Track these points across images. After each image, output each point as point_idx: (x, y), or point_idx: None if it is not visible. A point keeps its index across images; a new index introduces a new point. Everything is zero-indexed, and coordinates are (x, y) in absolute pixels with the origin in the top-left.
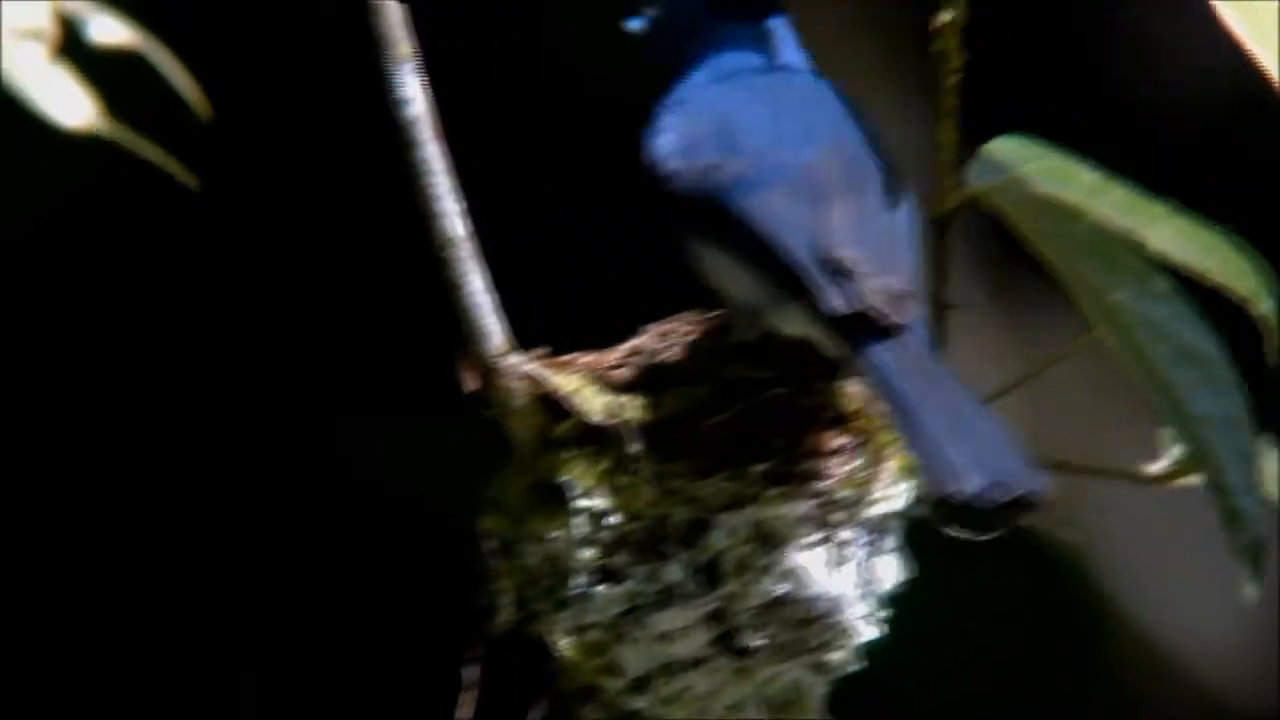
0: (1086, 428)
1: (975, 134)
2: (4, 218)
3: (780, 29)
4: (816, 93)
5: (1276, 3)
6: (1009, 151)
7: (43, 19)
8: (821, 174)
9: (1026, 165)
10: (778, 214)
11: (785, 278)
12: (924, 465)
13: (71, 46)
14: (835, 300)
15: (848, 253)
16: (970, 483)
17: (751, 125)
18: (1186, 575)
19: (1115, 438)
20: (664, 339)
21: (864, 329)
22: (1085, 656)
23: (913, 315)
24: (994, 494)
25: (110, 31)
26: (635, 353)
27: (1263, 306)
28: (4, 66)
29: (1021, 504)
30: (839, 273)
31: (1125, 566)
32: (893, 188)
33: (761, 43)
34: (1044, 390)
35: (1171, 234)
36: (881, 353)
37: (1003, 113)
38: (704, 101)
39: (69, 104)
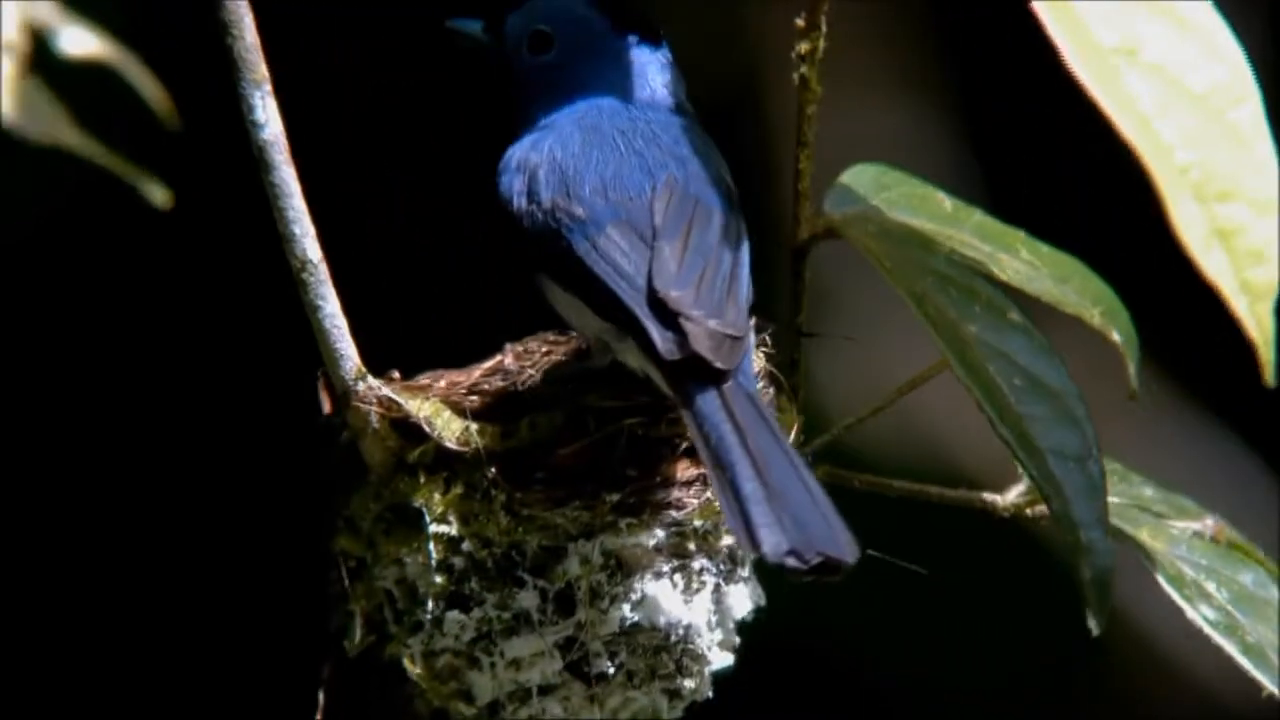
0: None
1: (977, 136)
2: (19, 216)
3: (662, 58)
4: (670, 129)
5: (1124, 58)
6: (866, 179)
7: (11, 29)
8: (657, 212)
9: (884, 192)
10: (609, 256)
11: (620, 317)
12: (733, 521)
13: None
14: (663, 345)
15: (675, 293)
16: (772, 547)
17: (593, 171)
18: None
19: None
20: (521, 360)
21: (693, 373)
22: (1085, 656)
23: (739, 359)
24: (796, 559)
25: (81, 43)
26: (491, 375)
27: (1116, 334)
28: None
29: (825, 568)
30: (667, 315)
31: (1126, 565)
32: (731, 223)
33: (644, 67)
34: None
35: (1026, 262)
36: (706, 401)
37: (1003, 115)
38: (555, 135)
39: (38, 117)
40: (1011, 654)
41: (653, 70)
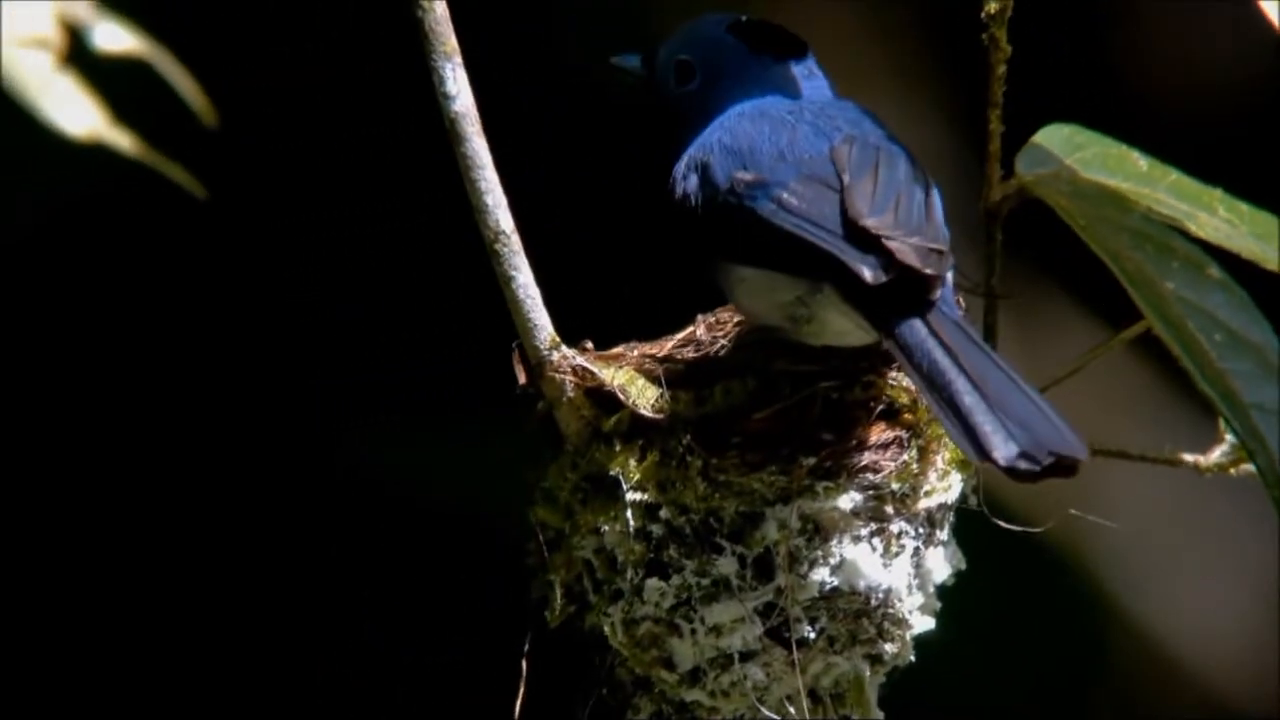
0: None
1: (977, 132)
2: (19, 221)
3: (807, 67)
4: (836, 107)
5: None
6: (1059, 139)
7: (47, 26)
8: (840, 160)
9: (1078, 152)
10: (795, 208)
11: (815, 266)
12: (958, 436)
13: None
14: (869, 271)
15: (873, 220)
16: (1005, 449)
17: (767, 142)
18: (1188, 575)
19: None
20: (713, 330)
21: (896, 306)
22: (1085, 656)
23: (946, 270)
24: (1030, 460)
25: (116, 39)
26: (683, 345)
27: None
28: (8, 74)
29: (1060, 467)
30: (868, 242)
31: (1127, 566)
32: (917, 169)
33: (789, 78)
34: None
35: (1222, 220)
36: (913, 331)
37: (1021, 107)
38: (719, 131)
39: (74, 112)
40: (1011, 653)
41: (800, 77)
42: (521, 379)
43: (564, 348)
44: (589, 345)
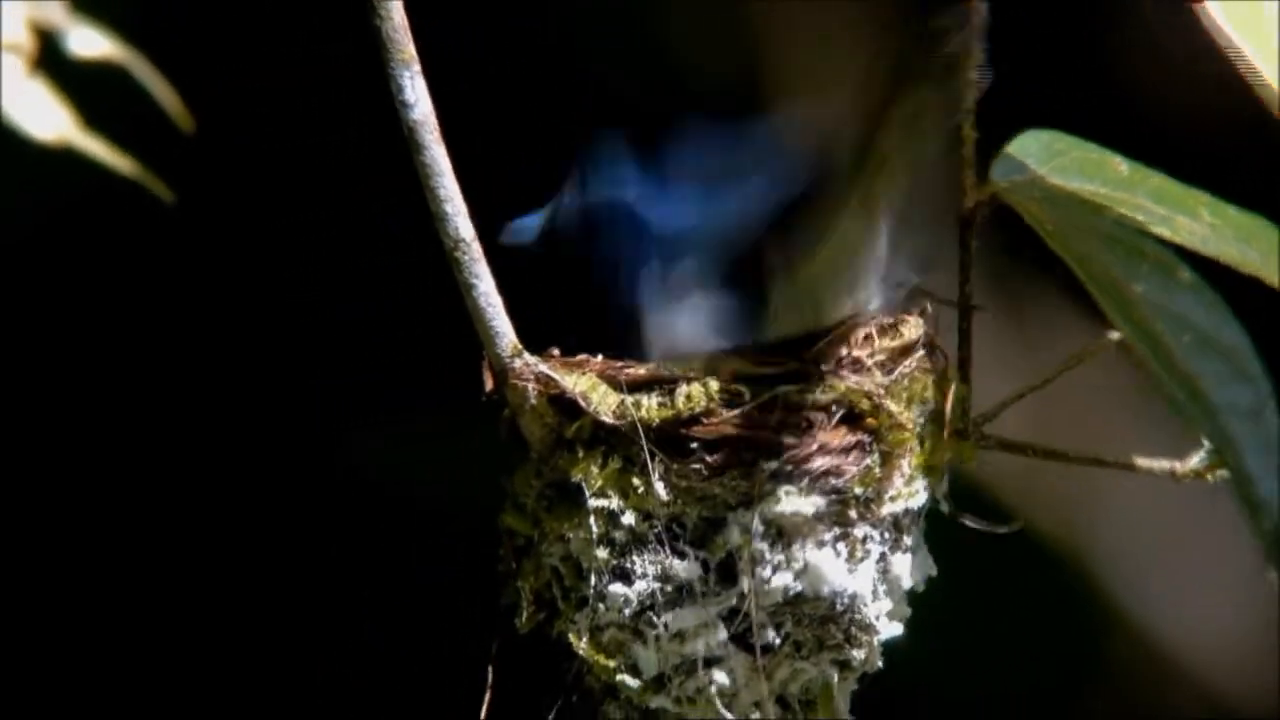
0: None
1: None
2: (19, 220)
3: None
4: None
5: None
6: (1036, 146)
7: (19, 30)
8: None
9: (1057, 158)
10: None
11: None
12: None
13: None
14: None
15: None
16: None
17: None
18: (1187, 574)
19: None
20: None
21: None
22: (1085, 656)
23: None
24: None
25: (90, 43)
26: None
27: None
28: None
29: None
30: None
31: (1126, 565)
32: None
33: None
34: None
35: (1204, 224)
36: None
37: (1014, 110)
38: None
39: (43, 117)
40: (1009, 653)
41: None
42: (488, 386)
43: (526, 355)
44: (555, 352)
